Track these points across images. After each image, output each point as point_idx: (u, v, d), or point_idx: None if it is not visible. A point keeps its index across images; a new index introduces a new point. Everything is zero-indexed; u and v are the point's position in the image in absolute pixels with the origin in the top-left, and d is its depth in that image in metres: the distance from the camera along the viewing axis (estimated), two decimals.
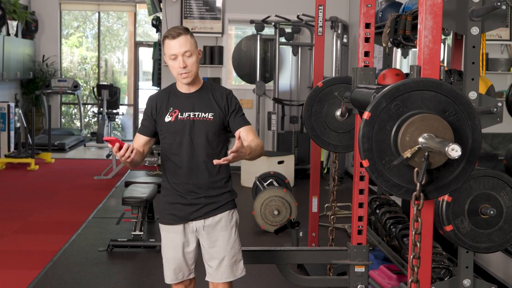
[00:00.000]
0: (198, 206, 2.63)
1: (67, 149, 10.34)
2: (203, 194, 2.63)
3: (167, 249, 2.70)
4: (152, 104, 2.67)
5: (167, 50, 2.57)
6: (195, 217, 2.64)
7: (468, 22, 2.48)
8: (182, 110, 2.62)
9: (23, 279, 4.12)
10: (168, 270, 2.71)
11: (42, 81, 11.03)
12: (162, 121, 2.63)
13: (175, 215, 2.66)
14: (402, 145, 1.93)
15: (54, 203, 6.59)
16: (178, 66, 2.55)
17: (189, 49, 2.55)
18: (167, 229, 2.69)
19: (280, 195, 5.43)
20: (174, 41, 2.54)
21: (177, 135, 2.61)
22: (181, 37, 2.54)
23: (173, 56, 2.55)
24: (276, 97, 8.16)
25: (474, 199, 2.48)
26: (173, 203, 2.66)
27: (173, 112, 2.62)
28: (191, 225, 2.66)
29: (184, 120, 2.60)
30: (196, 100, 2.63)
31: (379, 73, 3.28)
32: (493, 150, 4.40)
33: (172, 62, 2.57)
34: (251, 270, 4.23)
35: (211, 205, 2.64)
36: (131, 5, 11.88)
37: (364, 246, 3.27)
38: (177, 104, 2.63)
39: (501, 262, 3.67)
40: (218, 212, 2.65)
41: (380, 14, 3.60)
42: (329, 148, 3.75)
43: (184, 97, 2.64)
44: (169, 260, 2.69)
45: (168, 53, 2.56)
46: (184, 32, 2.56)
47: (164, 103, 2.65)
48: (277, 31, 8.09)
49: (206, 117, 2.61)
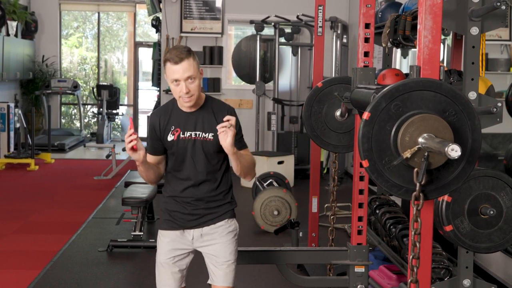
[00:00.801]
0: (196, 216, 2.64)
1: (67, 150, 10.34)
2: (202, 206, 2.63)
3: (160, 254, 2.69)
4: (155, 123, 2.64)
5: (169, 74, 2.51)
6: (192, 226, 2.64)
7: (468, 22, 2.48)
8: (184, 129, 2.59)
9: (23, 279, 4.12)
10: (159, 275, 2.69)
11: (42, 82, 11.03)
12: (165, 140, 2.62)
13: (173, 222, 2.66)
14: (402, 145, 1.93)
15: (54, 203, 6.59)
16: (181, 91, 2.50)
17: (192, 74, 2.49)
18: (163, 234, 2.69)
19: (280, 195, 5.43)
20: (176, 66, 2.48)
21: (179, 153, 2.60)
22: (184, 62, 2.47)
23: (176, 82, 2.51)
24: (276, 97, 8.16)
25: (474, 199, 2.48)
26: (173, 211, 2.66)
27: (175, 131, 2.59)
28: (188, 234, 2.66)
29: (186, 140, 2.59)
30: (198, 119, 2.60)
31: (379, 73, 3.28)
32: (493, 150, 4.40)
33: (174, 86, 2.52)
34: (251, 270, 4.24)
35: (209, 215, 2.64)
36: (131, 5, 11.88)
37: (364, 246, 3.27)
38: (179, 122, 2.61)
39: (501, 262, 3.67)
40: (216, 221, 2.65)
41: (380, 14, 3.60)
42: (329, 148, 3.75)
43: (185, 115, 2.61)
44: (161, 265, 2.67)
45: (170, 77, 2.51)
46: (186, 55, 2.49)
47: (165, 120, 2.62)
48: (277, 31, 8.09)
49: (206, 137, 2.59)
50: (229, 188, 2.72)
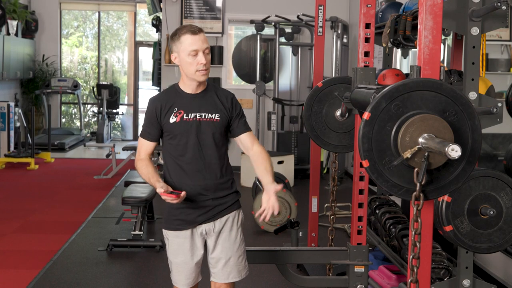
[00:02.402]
0: (206, 209, 2.59)
1: (67, 149, 10.34)
2: (211, 196, 2.59)
3: (177, 255, 2.63)
4: (156, 106, 2.58)
5: (186, 46, 2.48)
6: (203, 220, 2.60)
7: (468, 23, 2.48)
8: (188, 111, 2.55)
9: (23, 279, 4.12)
10: (179, 274, 2.65)
11: (42, 81, 11.02)
12: (167, 122, 2.56)
13: (183, 220, 2.60)
14: (402, 146, 1.93)
15: (54, 202, 6.58)
16: (199, 62, 2.48)
17: (208, 46, 2.53)
18: (175, 234, 2.63)
19: (280, 195, 5.43)
20: (196, 36, 2.48)
21: (183, 136, 2.54)
22: (202, 33, 2.51)
23: (193, 52, 2.48)
24: (276, 97, 8.16)
25: (473, 200, 2.48)
26: (181, 208, 2.59)
27: (178, 113, 2.54)
28: (199, 229, 2.62)
29: (190, 121, 2.54)
30: (202, 101, 2.58)
31: (379, 73, 3.28)
32: (493, 151, 4.40)
33: (190, 58, 2.49)
34: (251, 270, 4.21)
35: (218, 206, 2.61)
36: (131, 5, 11.88)
37: (363, 246, 3.27)
38: (182, 104, 2.56)
39: (501, 263, 3.67)
40: (225, 213, 2.62)
41: (380, 14, 3.60)
42: (329, 148, 3.74)
43: (189, 98, 2.58)
44: (180, 265, 2.64)
45: (188, 49, 2.47)
46: (202, 29, 2.54)
47: (168, 104, 2.57)
48: (277, 31, 8.09)
49: (213, 118, 2.56)
50: (232, 176, 2.69)
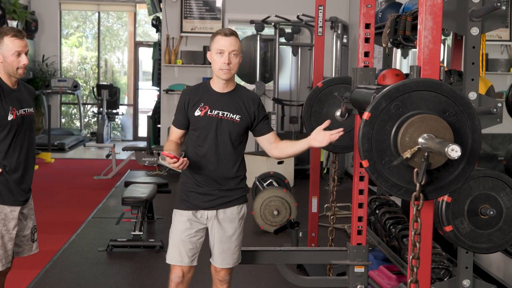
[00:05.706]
0: (212, 197, 2.80)
1: (67, 149, 10.34)
2: (219, 187, 2.79)
3: (176, 232, 2.83)
4: (185, 98, 2.81)
5: (215, 45, 2.71)
6: (207, 207, 2.80)
7: (468, 23, 2.48)
8: (212, 107, 2.77)
9: (23, 279, 4.12)
10: (173, 251, 2.82)
11: (42, 81, 11.02)
12: (192, 115, 2.78)
13: (189, 202, 2.81)
14: (402, 146, 1.93)
15: (54, 203, 6.58)
16: (223, 61, 2.69)
17: (236, 49, 2.71)
18: (180, 213, 2.83)
19: (280, 195, 5.43)
20: (225, 38, 2.70)
21: (204, 129, 2.76)
22: (232, 37, 2.71)
23: (219, 51, 2.69)
24: (276, 97, 8.16)
25: (473, 200, 2.48)
26: (189, 191, 2.81)
27: (203, 108, 2.77)
28: (203, 214, 2.81)
29: (213, 117, 2.76)
30: (227, 100, 2.78)
31: (379, 73, 3.28)
32: (493, 151, 4.40)
33: (217, 56, 2.71)
34: (251, 270, 4.24)
35: (224, 197, 2.81)
36: (131, 5, 11.88)
37: (363, 247, 3.27)
38: (208, 100, 2.78)
39: (501, 263, 3.67)
40: (229, 206, 2.82)
41: (380, 14, 3.60)
42: (328, 148, 3.74)
43: (216, 95, 2.79)
44: (177, 242, 2.81)
45: (216, 48, 2.70)
46: (235, 34, 2.74)
47: (196, 97, 2.79)
48: (277, 31, 8.09)
49: (233, 118, 2.77)
50: (244, 175, 2.88)
